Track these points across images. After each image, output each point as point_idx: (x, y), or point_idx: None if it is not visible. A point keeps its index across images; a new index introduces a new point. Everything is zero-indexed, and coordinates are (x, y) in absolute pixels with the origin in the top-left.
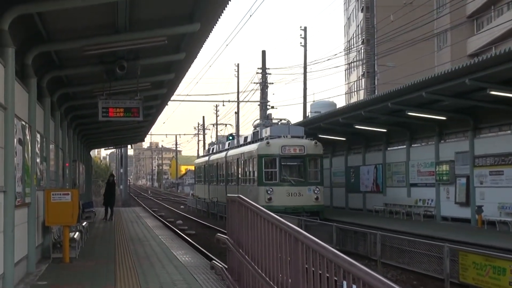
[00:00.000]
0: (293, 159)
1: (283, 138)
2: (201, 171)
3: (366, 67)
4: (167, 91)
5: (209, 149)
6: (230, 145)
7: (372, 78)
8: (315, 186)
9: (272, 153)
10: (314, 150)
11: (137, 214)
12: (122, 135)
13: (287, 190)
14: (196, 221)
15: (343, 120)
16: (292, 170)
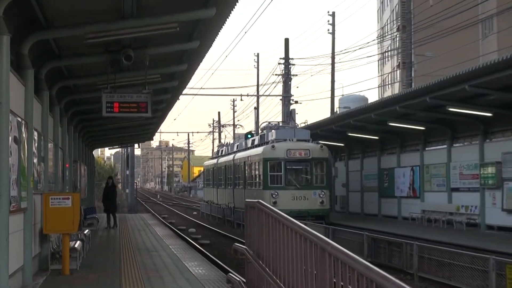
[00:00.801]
0: (298, 162)
1: (289, 142)
2: (210, 174)
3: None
4: (178, 83)
5: (218, 151)
6: (238, 147)
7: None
8: (321, 190)
9: (278, 157)
10: (319, 154)
11: (145, 221)
12: (129, 133)
13: (292, 194)
14: (210, 229)
15: (376, 116)
16: (298, 173)
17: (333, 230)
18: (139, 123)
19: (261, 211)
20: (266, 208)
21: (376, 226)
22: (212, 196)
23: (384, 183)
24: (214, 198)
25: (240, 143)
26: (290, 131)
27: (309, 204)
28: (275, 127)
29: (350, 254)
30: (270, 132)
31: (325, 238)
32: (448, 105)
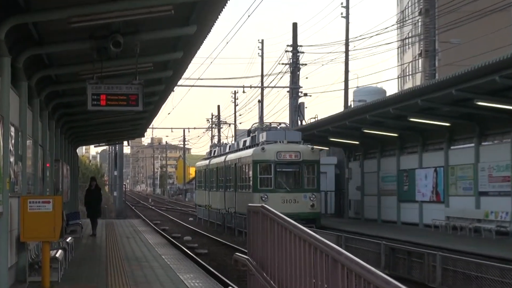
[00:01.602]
0: (288, 165)
1: (279, 144)
2: (202, 176)
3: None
4: (173, 73)
5: (210, 152)
6: (230, 148)
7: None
8: (311, 193)
9: (267, 159)
10: (310, 156)
11: (134, 228)
12: (117, 128)
13: (282, 197)
14: (208, 237)
15: (395, 111)
16: (288, 176)
17: (346, 238)
18: (128, 118)
19: (265, 217)
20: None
21: (395, 234)
22: (204, 199)
23: (403, 186)
24: (206, 201)
25: (232, 144)
26: (280, 132)
27: (299, 207)
28: (266, 128)
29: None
30: (261, 133)
31: (337, 247)
32: (476, 98)
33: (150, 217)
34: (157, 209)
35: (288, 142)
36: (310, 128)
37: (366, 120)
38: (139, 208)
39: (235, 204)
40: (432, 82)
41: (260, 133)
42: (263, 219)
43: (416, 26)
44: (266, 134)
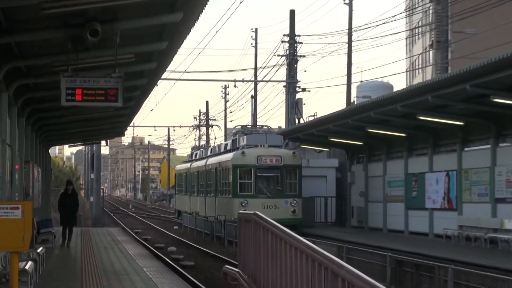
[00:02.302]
0: (269, 170)
1: (260, 148)
2: (182, 180)
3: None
4: (156, 66)
5: (191, 154)
6: (212, 151)
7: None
8: (293, 198)
9: (248, 164)
10: (292, 161)
11: (113, 237)
12: (94, 127)
13: (262, 202)
14: (195, 248)
15: (403, 108)
16: (269, 181)
17: (348, 249)
18: (107, 115)
19: (258, 226)
20: (265, 222)
21: (402, 245)
22: (185, 205)
23: (412, 191)
24: (187, 206)
25: (214, 147)
26: (261, 136)
27: (280, 213)
28: (247, 132)
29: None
30: (241, 136)
31: (338, 259)
32: (493, 94)
33: (131, 225)
34: (138, 216)
35: (269, 146)
36: (309, 127)
37: (371, 119)
38: (118, 215)
39: (215, 209)
40: (444, 77)
41: (241, 137)
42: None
43: (426, 14)
44: (246, 138)
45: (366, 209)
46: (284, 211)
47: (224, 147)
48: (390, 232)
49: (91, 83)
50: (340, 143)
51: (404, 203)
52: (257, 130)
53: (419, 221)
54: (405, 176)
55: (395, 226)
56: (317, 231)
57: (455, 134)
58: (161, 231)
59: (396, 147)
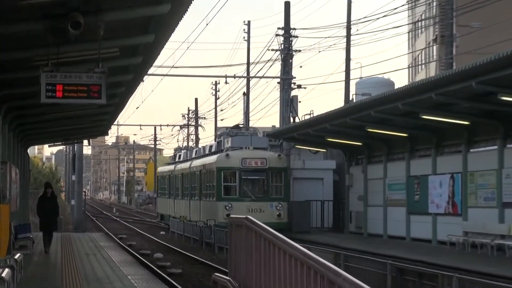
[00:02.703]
0: (254, 172)
1: (245, 150)
2: (165, 182)
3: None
4: (142, 60)
5: (174, 156)
6: (197, 153)
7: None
8: (278, 202)
9: (232, 166)
10: (277, 163)
11: (96, 243)
12: (76, 125)
13: (247, 206)
14: (183, 255)
15: (405, 106)
16: (254, 184)
17: (346, 256)
18: (89, 113)
19: (250, 231)
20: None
21: (404, 253)
22: (168, 208)
23: (414, 195)
24: (170, 210)
25: (199, 148)
26: (246, 138)
27: (265, 217)
28: (232, 134)
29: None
30: (226, 138)
31: (335, 267)
32: (501, 92)
33: (115, 230)
34: (122, 220)
35: (254, 149)
36: (305, 126)
37: (371, 117)
38: (101, 220)
39: (200, 213)
40: (449, 73)
41: (226, 138)
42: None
43: (430, 7)
44: (231, 140)
45: (365, 213)
46: (269, 214)
47: (209, 149)
48: (391, 238)
49: (72, 78)
50: (338, 143)
51: (406, 207)
52: (242, 132)
53: (422, 226)
54: (407, 179)
55: (396, 232)
56: (313, 237)
57: (460, 134)
58: (147, 237)
59: (397, 148)
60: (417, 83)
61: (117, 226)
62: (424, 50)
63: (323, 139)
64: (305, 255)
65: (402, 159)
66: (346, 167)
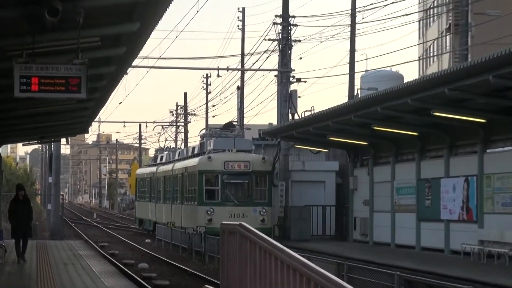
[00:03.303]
0: (237, 176)
1: (227, 153)
2: (146, 185)
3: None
4: (126, 51)
5: (155, 157)
6: (180, 155)
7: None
8: (262, 206)
9: (214, 169)
10: (261, 166)
11: (74, 252)
12: (53, 122)
13: (229, 211)
14: (170, 265)
15: (415, 102)
16: (236, 188)
17: (350, 267)
18: (68, 108)
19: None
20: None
21: (413, 263)
22: (148, 213)
23: (425, 200)
24: (151, 214)
25: (182, 150)
26: (229, 140)
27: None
28: (215, 135)
29: None
30: (209, 140)
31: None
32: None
33: (95, 237)
34: (104, 227)
35: (237, 151)
36: (305, 124)
37: (377, 114)
38: (80, 226)
39: (181, 218)
40: (464, 66)
41: (208, 140)
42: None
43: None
44: (213, 142)
45: (371, 220)
46: (253, 220)
47: (191, 151)
48: (399, 247)
49: (49, 70)
50: (341, 142)
51: (416, 213)
52: (226, 134)
53: (433, 234)
54: (417, 182)
55: (405, 241)
56: (313, 246)
57: (476, 133)
58: (131, 245)
59: (407, 148)
60: (429, 76)
61: (98, 233)
62: (436, 40)
63: (325, 138)
64: (305, 265)
65: (412, 160)
66: (350, 169)
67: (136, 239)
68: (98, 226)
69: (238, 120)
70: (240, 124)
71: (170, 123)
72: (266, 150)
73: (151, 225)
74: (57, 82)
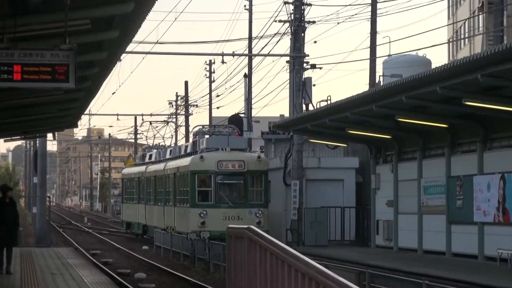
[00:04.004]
0: (231, 176)
1: (221, 152)
2: (134, 186)
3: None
4: (119, 34)
5: (143, 156)
6: (171, 154)
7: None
8: (258, 208)
9: (207, 169)
10: (256, 166)
11: (63, 260)
12: (37, 115)
13: (223, 213)
14: (171, 275)
15: (444, 91)
16: (231, 189)
17: (372, 276)
18: (55, 100)
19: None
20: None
21: (443, 271)
22: (137, 216)
23: (456, 200)
24: (140, 217)
25: (174, 148)
26: (223, 138)
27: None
28: (209, 132)
29: None
30: (201, 138)
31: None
32: None
33: (86, 244)
34: (96, 232)
35: (232, 150)
36: (320, 116)
37: (402, 104)
38: (69, 232)
39: (174, 221)
40: (498, 49)
41: (201, 138)
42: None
43: None
44: (206, 140)
45: (395, 223)
46: (248, 222)
47: (184, 150)
48: (427, 253)
49: (33, 57)
50: (362, 136)
51: (446, 215)
52: (219, 131)
53: (465, 239)
54: (447, 180)
55: (434, 246)
56: (330, 252)
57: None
58: (126, 253)
59: (435, 141)
60: (459, 61)
61: (89, 240)
62: (467, 20)
63: (343, 131)
64: (322, 273)
65: (441, 155)
66: (371, 165)
67: (132, 246)
68: (89, 231)
69: (246, 112)
70: (247, 116)
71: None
72: (277, 145)
73: (140, 229)
74: (42, 70)
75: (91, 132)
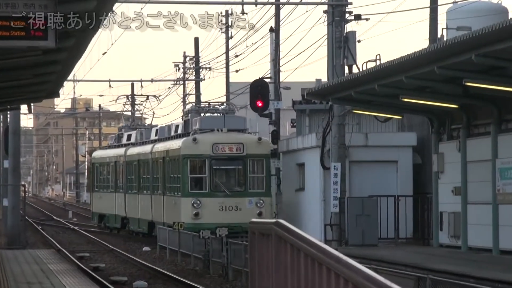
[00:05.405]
0: (228, 161)
1: (216, 133)
2: (108, 172)
3: None
4: None
5: (118, 137)
6: (159, 134)
7: None
8: (259, 197)
9: (201, 153)
10: (257, 149)
11: (42, 266)
12: (8, 82)
13: (220, 203)
14: (179, 283)
15: None
16: (228, 176)
17: (436, 283)
18: (30, 62)
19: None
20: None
21: None
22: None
23: None
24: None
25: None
26: (218, 119)
27: (243, 216)
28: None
29: None
30: (194, 118)
31: None
32: None
33: (71, 245)
34: (83, 230)
35: (228, 131)
36: (367, 80)
37: (472, 65)
38: (50, 229)
39: (163, 212)
40: None
41: (194, 118)
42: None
43: None
44: (199, 121)
45: (464, 216)
46: (248, 213)
47: (174, 130)
48: (505, 254)
49: (2, 8)
50: (420, 106)
51: None
52: (216, 109)
53: None
54: None
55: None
56: (381, 253)
57: None
58: (122, 255)
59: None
60: None
61: (75, 239)
62: None
63: (396, 100)
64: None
65: None
66: (433, 143)
67: (129, 247)
68: (75, 229)
69: (272, 76)
70: (275, 82)
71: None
72: (312, 118)
73: (118, 222)
74: (14, 26)
75: (76, 103)
